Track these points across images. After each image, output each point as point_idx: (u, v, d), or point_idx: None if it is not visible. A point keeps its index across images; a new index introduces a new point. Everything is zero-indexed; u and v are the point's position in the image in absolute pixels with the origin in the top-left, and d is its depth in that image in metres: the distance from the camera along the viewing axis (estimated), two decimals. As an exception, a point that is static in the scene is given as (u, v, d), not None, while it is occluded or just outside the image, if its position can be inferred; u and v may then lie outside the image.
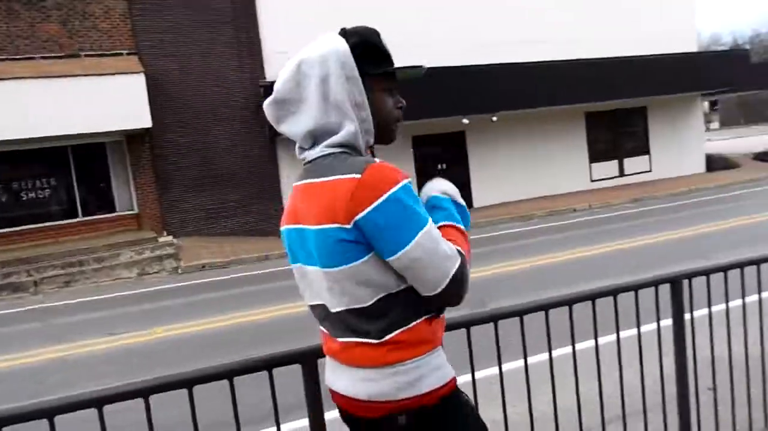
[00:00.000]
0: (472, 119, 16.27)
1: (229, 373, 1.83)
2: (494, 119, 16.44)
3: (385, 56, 1.43)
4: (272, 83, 1.43)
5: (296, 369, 1.92)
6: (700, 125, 22.93)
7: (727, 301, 2.72)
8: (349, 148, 1.37)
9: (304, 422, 2.00)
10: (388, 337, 1.32)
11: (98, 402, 1.68)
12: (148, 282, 11.35)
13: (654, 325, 2.60)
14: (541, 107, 17.02)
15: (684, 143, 21.51)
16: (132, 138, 14.23)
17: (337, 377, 1.46)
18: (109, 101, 12.72)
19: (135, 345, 6.85)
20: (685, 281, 2.60)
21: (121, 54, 13.86)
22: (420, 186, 1.64)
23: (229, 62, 14.82)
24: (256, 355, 1.89)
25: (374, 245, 1.28)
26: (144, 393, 1.73)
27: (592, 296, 2.35)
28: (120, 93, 12.90)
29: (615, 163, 20.38)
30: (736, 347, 2.78)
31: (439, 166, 17.20)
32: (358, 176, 1.26)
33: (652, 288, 2.52)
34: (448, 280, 1.30)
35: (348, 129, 1.35)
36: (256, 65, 14.97)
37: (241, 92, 14.94)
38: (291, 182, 1.50)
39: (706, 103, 31.63)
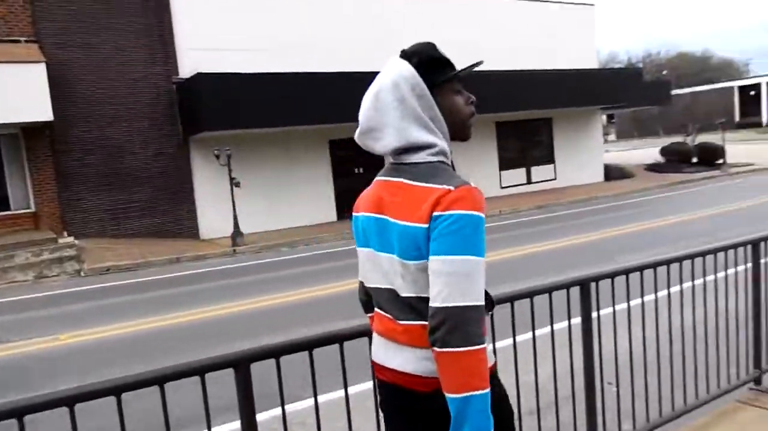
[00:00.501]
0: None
1: (162, 379, 1.80)
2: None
3: (446, 63, 1.57)
4: (187, 80, 1.44)
5: (227, 372, 1.92)
6: (599, 137, 24.54)
7: (628, 301, 2.97)
8: (444, 156, 1.54)
9: (236, 424, 2.00)
10: None
11: (20, 413, 1.60)
12: (47, 286, 10.66)
13: (566, 323, 2.79)
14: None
15: (585, 153, 22.93)
16: (30, 132, 13.28)
17: (393, 355, 1.58)
18: (2, 92, 11.81)
19: (36, 353, 6.43)
20: (593, 284, 2.83)
21: (19, 41, 12.93)
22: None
23: (139, 55, 14.22)
24: (183, 360, 1.87)
25: (431, 243, 1.40)
26: (68, 401, 1.66)
27: (511, 298, 2.51)
28: (16, 83, 12.01)
29: (523, 171, 21.38)
30: (636, 343, 3.04)
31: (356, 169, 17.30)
32: (452, 188, 1.41)
33: (564, 290, 2.72)
34: (470, 301, 1.36)
35: (432, 140, 1.52)
36: (169, 59, 14.46)
37: (152, 88, 14.37)
38: (204, 184, 1.51)
39: (604, 117, 33.82)
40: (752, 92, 57.92)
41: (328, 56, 15.51)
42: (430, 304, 1.39)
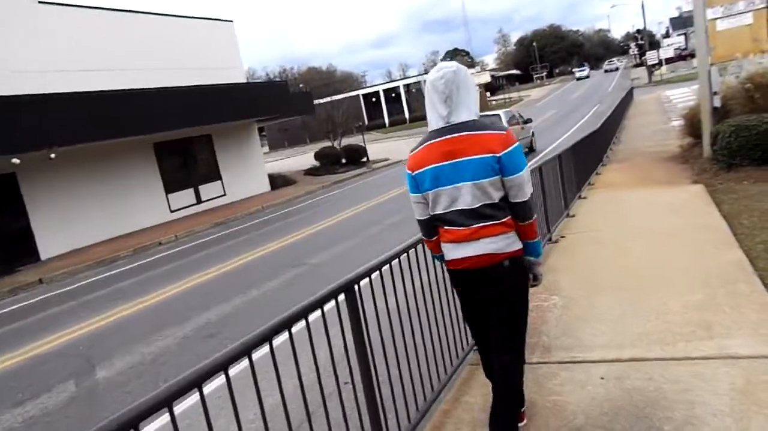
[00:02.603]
0: (24, 158, 13.95)
1: None
2: (52, 155, 14.41)
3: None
4: None
5: None
6: (258, 148, 25.23)
7: (384, 296, 2.94)
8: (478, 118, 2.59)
9: None
10: (504, 219, 2.53)
11: None
12: None
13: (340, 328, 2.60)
14: (106, 140, 15.81)
15: (249, 166, 23.30)
16: None
17: (463, 250, 2.55)
18: None
19: None
20: (356, 286, 2.70)
21: None
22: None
23: None
24: None
25: (504, 168, 2.47)
26: None
27: (289, 323, 2.19)
28: None
29: (191, 191, 20.58)
30: (397, 330, 3.03)
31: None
32: (504, 132, 2.50)
33: (332, 298, 2.52)
34: (528, 196, 2.53)
35: (476, 108, 2.61)
36: None
37: None
38: None
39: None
40: (374, 99, 67.44)
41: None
42: (512, 200, 2.52)
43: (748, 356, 3.31)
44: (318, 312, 2.45)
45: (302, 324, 2.39)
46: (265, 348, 2.17)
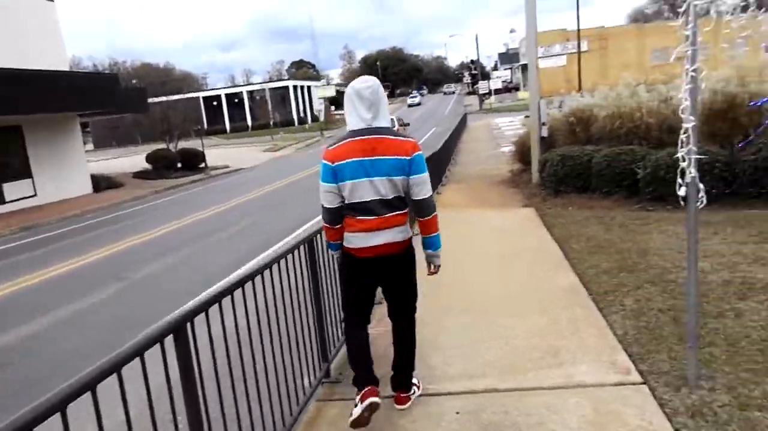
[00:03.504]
0: None
1: None
2: None
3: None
4: None
5: None
6: (80, 145, 22.72)
7: (223, 326, 2.47)
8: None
9: None
10: (406, 210, 3.09)
11: None
12: None
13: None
14: None
15: (67, 164, 20.83)
16: None
17: (377, 237, 3.03)
18: None
19: None
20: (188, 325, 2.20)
21: None
22: None
23: None
24: None
25: (412, 169, 3.01)
26: None
27: (94, 384, 1.66)
28: None
29: (-8, 189, 17.82)
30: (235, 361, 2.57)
31: None
32: (414, 141, 3.07)
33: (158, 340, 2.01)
34: (431, 193, 3.10)
35: (389, 118, 3.18)
36: None
37: None
38: None
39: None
40: (215, 103, 64.71)
41: None
42: (416, 198, 3.05)
43: (594, 384, 3.34)
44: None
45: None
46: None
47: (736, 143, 7.96)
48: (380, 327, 4.18)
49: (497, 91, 65.99)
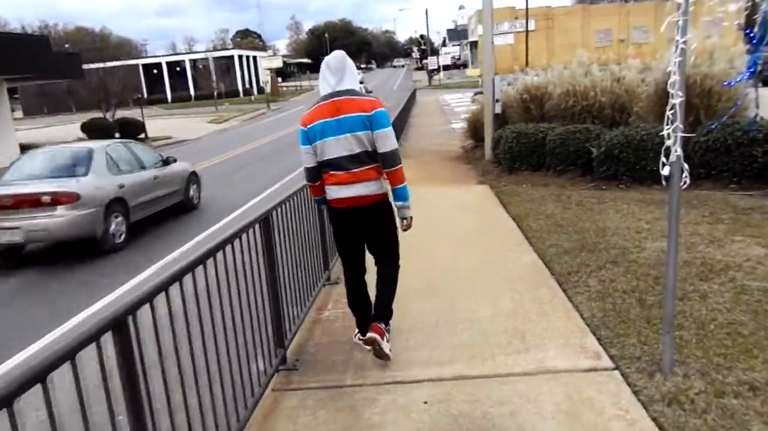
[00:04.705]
0: None
1: None
2: None
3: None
4: None
5: None
6: (7, 112, 21.27)
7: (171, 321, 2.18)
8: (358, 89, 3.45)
9: None
10: (375, 165, 3.33)
11: None
12: None
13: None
14: None
15: (-6, 132, 19.44)
16: None
17: (347, 190, 3.32)
18: None
19: None
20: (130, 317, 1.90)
21: None
22: None
23: None
24: None
25: (373, 124, 3.26)
26: None
27: (41, 376, 1.36)
28: None
29: None
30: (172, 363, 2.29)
31: None
32: (374, 99, 3.34)
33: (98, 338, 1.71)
34: (395, 146, 3.31)
35: (357, 83, 3.45)
36: None
37: None
38: None
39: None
40: (155, 71, 62.09)
41: None
42: (380, 151, 3.28)
43: (565, 370, 3.22)
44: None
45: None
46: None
47: (706, 124, 7.99)
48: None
49: (446, 68, 66.01)
